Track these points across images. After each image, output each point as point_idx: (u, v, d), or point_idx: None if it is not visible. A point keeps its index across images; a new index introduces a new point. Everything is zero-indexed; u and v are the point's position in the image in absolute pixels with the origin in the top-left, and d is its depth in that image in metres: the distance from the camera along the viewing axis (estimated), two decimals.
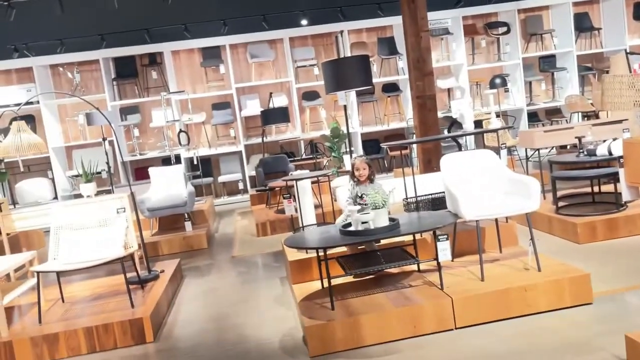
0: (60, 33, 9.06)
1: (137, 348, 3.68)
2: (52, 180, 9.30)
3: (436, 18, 9.52)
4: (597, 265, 4.01)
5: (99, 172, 7.78)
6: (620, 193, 4.87)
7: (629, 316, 3.22)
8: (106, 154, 7.47)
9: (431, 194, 4.38)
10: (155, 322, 3.87)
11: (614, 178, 4.95)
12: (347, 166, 6.67)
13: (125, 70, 9.62)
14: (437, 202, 4.43)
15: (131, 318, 3.74)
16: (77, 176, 9.24)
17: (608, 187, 5.37)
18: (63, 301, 4.30)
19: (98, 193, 6.04)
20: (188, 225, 6.67)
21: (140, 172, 9.59)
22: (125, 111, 9.63)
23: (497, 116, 6.80)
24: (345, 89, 3.77)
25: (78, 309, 4.09)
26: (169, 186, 6.86)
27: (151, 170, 7.12)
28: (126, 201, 4.37)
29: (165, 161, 9.26)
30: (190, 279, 5.22)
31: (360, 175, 3.80)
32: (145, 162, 9.54)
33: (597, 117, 8.55)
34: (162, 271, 4.80)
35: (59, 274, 4.30)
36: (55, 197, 9.27)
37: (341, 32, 9.08)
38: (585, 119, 8.89)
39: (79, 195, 9.15)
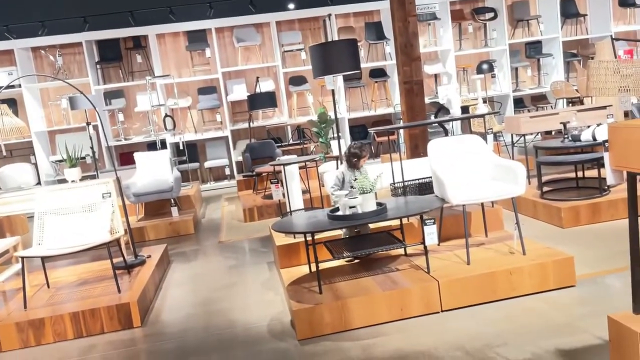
0: (42, 15, 8.87)
1: (124, 333, 3.67)
2: (35, 165, 9.17)
3: (423, 3, 9.48)
4: (580, 249, 4.07)
5: (83, 157, 7.69)
6: (604, 178, 4.93)
7: (610, 298, 3.28)
8: (90, 138, 7.36)
9: (418, 179, 4.40)
10: (143, 307, 3.86)
11: (598, 163, 5.01)
12: (335, 152, 6.67)
13: (109, 53, 9.48)
14: (424, 187, 4.45)
15: (118, 303, 3.72)
16: (60, 161, 9.13)
17: (592, 172, 5.44)
18: (48, 286, 4.27)
19: (82, 178, 5.98)
20: (174, 210, 6.63)
21: (124, 157, 9.50)
22: (109, 95, 9.50)
23: (484, 102, 6.83)
24: (333, 73, 3.75)
25: (64, 294, 4.06)
26: (155, 171, 6.80)
27: (136, 155, 7.05)
28: (112, 186, 4.33)
29: (151, 146, 9.17)
30: (177, 264, 5.20)
31: (364, 161, 3.84)
32: (130, 147, 9.45)
33: (581, 103, 8.62)
34: (149, 256, 4.78)
35: (44, 259, 4.26)
36: (39, 183, 9.15)
37: (329, 15, 9.00)
38: (570, 105, 8.96)
39: (63, 181, 9.04)
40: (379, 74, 9.83)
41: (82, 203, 4.28)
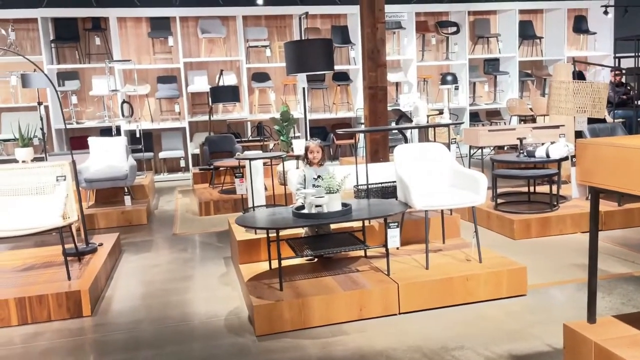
0: None
1: (72, 322, 3.53)
2: None
3: (392, 11, 9.62)
4: (530, 260, 4.23)
5: (31, 138, 7.36)
6: (554, 194, 5.15)
7: (560, 308, 3.43)
8: (41, 119, 7.06)
9: (381, 183, 4.46)
10: (93, 296, 3.73)
11: (550, 179, 5.24)
12: (296, 151, 6.66)
13: (66, 32, 9.10)
14: (386, 191, 4.51)
15: (68, 290, 3.58)
16: (6, 140, 8.69)
17: (543, 188, 5.68)
18: None
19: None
20: (127, 199, 6.44)
21: (75, 141, 9.10)
22: (63, 76, 9.12)
23: (450, 112, 7.00)
24: (307, 72, 3.75)
25: (9, 279, 3.87)
26: (109, 158, 6.58)
27: (91, 140, 6.80)
28: (67, 169, 4.15)
29: (104, 132, 8.87)
30: (130, 254, 5.05)
31: (314, 157, 3.89)
32: (81, 131, 9.10)
33: (534, 121, 8.99)
34: (101, 244, 4.62)
35: None
36: None
37: (306, 13, 8.87)
38: (523, 122, 9.33)
39: (6, 161, 8.60)
40: (342, 77, 9.89)
41: (34, 185, 4.09)
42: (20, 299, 3.49)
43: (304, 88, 4.07)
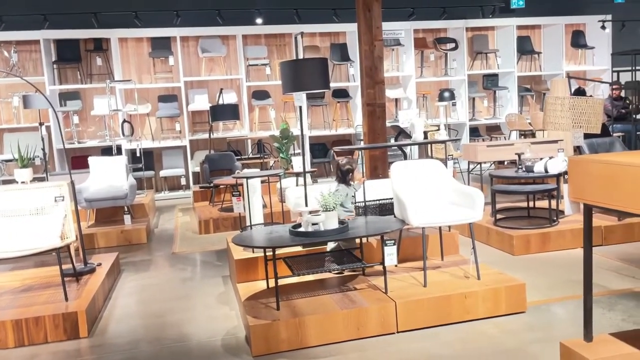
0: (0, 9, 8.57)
1: (69, 343, 3.52)
2: None
3: (389, 29, 9.70)
4: (530, 276, 4.20)
5: (32, 159, 7.39)
6: (554, 209, 5.14)
7: (559, 325, 3.40)
8: (42, 139, 7.11)
9: (379, 200, 4.46)
10: (91, 317, 3.72)
11: (549, 194, 5.23)
12: (295, 168, 6.67)
13: (68, 53, 9.19)
14: (384, 208, 4.51)
15: (64, 312, 3.57)
16: (8, 161, 8.73)
17: (542, 203, 5.66)
18: None
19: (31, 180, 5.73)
20: (127, 218, 6.45)
21: (76, 161, 9.15)
22: (64, 97, 9.20)
23: (447, 128, 7.02)
24: (303, 90, 3.78)
25: (6, 300, 3.86)
26: (109, 177, 6.61)
27: (91, 160, 6.83)
28: (66, 189, 4.17)
29: (105, 151, 8.92)
30: (128, 273, 5.04)
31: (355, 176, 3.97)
32: (83, 151, 9.15)
33: (533, 136, 9.00)
34: (99, 264, 4.61)
35: None
36: None
37: (301, 33, 9.00)
38: (523, 137, 9.33)
39: (7, 182, 8.64)
40: (341, 94, 9.94)
41: (32, 205, 4.10)
42: (17, 320, 3.48)
43: (300, 107, 4.09)
